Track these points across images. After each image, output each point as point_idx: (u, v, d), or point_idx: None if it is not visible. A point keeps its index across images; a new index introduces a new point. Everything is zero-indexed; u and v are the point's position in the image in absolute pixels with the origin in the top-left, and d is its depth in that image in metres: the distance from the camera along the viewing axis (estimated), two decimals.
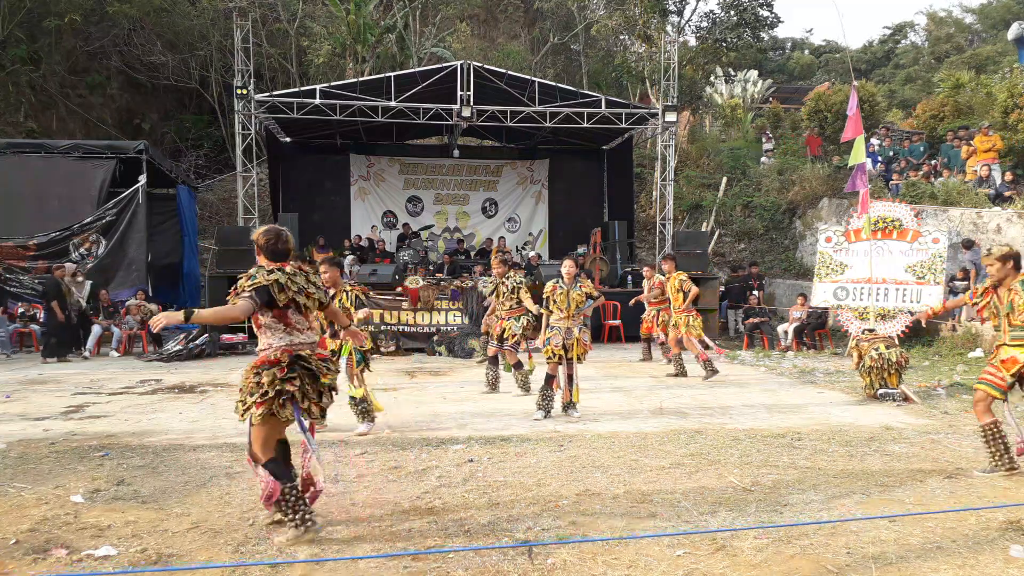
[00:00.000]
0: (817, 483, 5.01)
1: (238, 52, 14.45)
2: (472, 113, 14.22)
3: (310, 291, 4.04)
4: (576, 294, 7.35)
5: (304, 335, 4.04)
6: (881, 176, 16.52)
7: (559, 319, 7.35)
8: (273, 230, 4.08)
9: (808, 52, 41.79)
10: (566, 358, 7.30)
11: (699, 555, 3.73)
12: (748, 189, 20.17)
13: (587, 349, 7.42)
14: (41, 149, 14.22)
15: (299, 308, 4.01)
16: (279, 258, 4.03)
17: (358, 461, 5.60)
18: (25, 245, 13.44)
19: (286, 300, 3.92)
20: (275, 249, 4.02)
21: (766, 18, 23.68)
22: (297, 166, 17.99)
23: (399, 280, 13.99)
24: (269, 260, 4.02)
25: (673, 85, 15.61)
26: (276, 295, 3.87)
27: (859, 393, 8.59)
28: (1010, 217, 12.96)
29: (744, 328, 14.73)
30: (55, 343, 11.96)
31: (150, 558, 3.70)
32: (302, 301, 4.00)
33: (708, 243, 16.49)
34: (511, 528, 4.13)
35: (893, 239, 12.13)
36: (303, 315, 4.05)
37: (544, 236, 19.27)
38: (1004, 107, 16.00)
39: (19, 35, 19.16)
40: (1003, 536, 4.00)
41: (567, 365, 7.35)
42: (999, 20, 33.42)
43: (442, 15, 24.71)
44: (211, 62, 21.87)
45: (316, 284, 4.10)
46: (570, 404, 7.36)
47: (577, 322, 7.37)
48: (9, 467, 5.38)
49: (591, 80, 25.44)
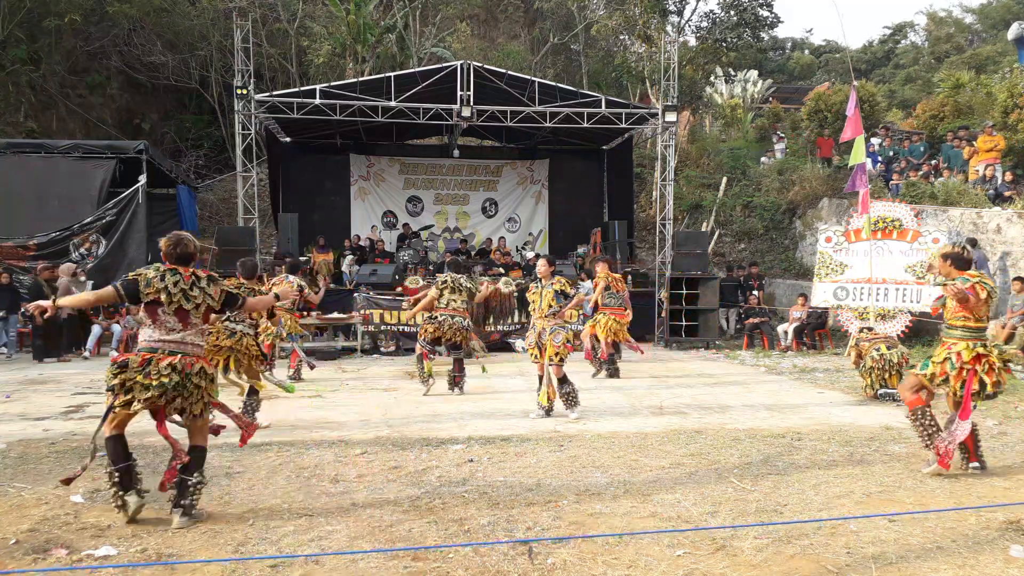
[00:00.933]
0: (817, 483, 5.01)
1: (238, 52, 14.44)
2: (472, 113, 14.22)
3: (192, 294, 4.23)
4: (547, 292, 7.32)
5: (174, 335, 4.21)
6: (881, 176, 16.52)
7: (536, 319, 7.38)
8: (174, 237, 4.37)
9: (808, 52, 41.78)
10: (540, 359, 7.30)
11: (699, 555, 3.73)
12: (748, 189, 20.17)
13: (557, 350, 7.15)
14: (41, 149, 14.22)
15: (175, 309, 4.20)
16: (181, 262, 4.32)
17: (358, 461, 5.60)
18: (25, 245, 13.44)
19: (152, 296, 4.16)
20: (174, 254, 4.32)
21: (766, 18, 23.68)
22: (297, 166, 17.99)
23: (399, 280, 13.99)
24: (171, 264, 4.31)
25: (673, 85, 15.60)
26: (142, 290, 4.15)
27: (859, 393, 8.59)
28: (1010, 217, 12.95)
29: (745, 328, 14.72)
30: (42, 344, 12.01)
31: (150, 558, 3.70)
32: (167, 301, 4.17)
33: (708, 243, 16.49)
34: (511, 528, 4.13)
35: (893, 239, 12.13)
36: (179, 317, 4.22)
37: (544, 236, 19.26)
38: (1004, 107, 15.99)
39: (19, 35, 19.15)
40: (1003, 536, 4.00)
41: (541, 366, 7.34)
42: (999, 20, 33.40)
43: (442, 15, 24.70)
44: (211, 62, 21.86)
45: (204, 290, 4.27)
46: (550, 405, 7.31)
47: (552, 322, 7.29)
48: (9, 467, 5.38)
49: (591, 80, 25.43)
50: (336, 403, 8.28)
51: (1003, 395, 8.40)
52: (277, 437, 6.37)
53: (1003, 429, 6.76)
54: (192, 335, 4.27)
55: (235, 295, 4.51)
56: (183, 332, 4.23)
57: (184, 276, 4.26)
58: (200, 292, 4.27)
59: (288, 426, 6.93)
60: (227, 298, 4.42)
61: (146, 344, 4.22)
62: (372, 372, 11.01)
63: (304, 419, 7.28)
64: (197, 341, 4.31)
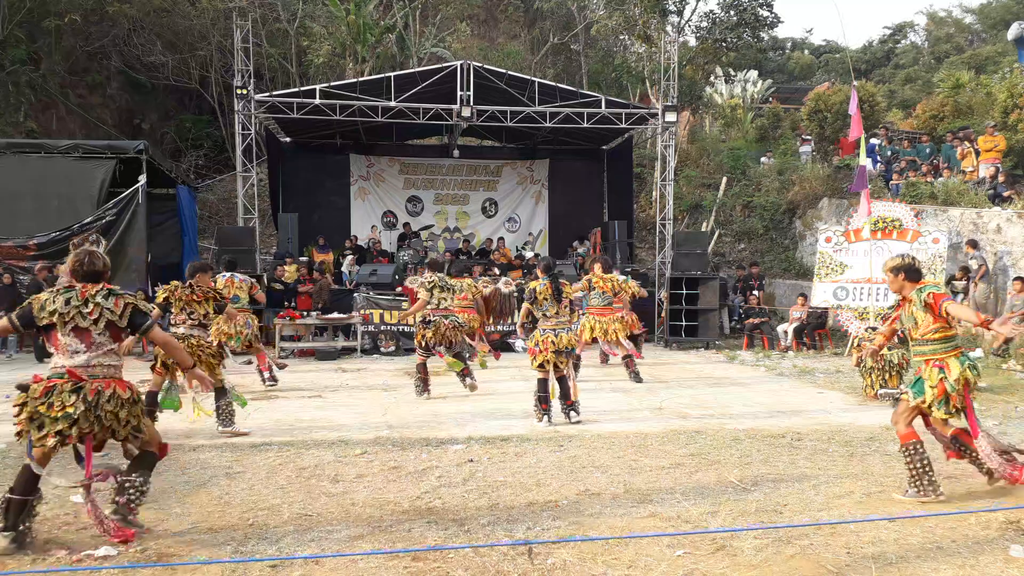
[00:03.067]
0: (817, 483, 5.01)
1: (238, 52, 14.44)
2: (472, 113, 14.21)
3: (86, 311, 3.87)
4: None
5: (78, 358, 3.87)
6: (881, 176, 16.53)
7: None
8: (81, 252, 4.06)
9: (808, 52, 41.74)
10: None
11: (699, 555, 3.73)
12: (748, 189, 20.16)
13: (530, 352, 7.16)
14: (41, 149, 14.20)
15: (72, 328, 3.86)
16: (89, 279, 3.99)
17: (358, 461, 5.60)
18: (25, 245, 13.43)
19: (47, 320, 3.85)
20: (80, 271, 4.00)
21: (766, 18, 23.64)
22: (297, 166, 17.98)
23: (399, 280, 13.98)
24: (79, 281, 3.99)
25: (673, 85, 15.59)
26: (37, 315, 3.86)
27: (859, 393, 8.59)
28: (1010, 217, 12.96)
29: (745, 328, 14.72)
30: (41, 344, 12.01)
31: (150, 558, 3.70)
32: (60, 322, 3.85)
33: (708, 243, 16.49)
34: (511, 528, 4.13)
35: (893, 239, 12.13)
36: (79, 337, 3.88)
37: (544, 236, 19.26)
38: (1004, 107, 15.99)
39: (19, 35, 19.14)
40: (1003, 536, 4.00)
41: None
42: (999, 20, 33.37)
43: (442, 15, 24.69)
44: (211, 62, 21.85)
45: (101, 304, 3.90)
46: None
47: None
48: (9, 467, 5.38)
49: (591, 80, 25.42)
50: (336, 403, 8.28)
51: (1003, 395, 8.44)
52: (277, 437, 6.38)
53: (1003, 429, 6.76)
54: (100, 356, 3.90)
55: (143, 312, 4.04)
56: (88, 354, 3.88)
57: (80, 292, 3.92)
58: (95, 307, 3.89)
59: (288, 426, 6.93)
60: (132, 313, 3.97)
61: (53, 371, 3.89)
62: (372, 372, 11.01)
63: (304, 419, 7.28)
64: (107, 362, 3.93)
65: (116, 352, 4.00)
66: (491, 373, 9.97)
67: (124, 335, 4.07)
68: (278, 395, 8.78)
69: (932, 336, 4.73)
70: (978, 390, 7.90)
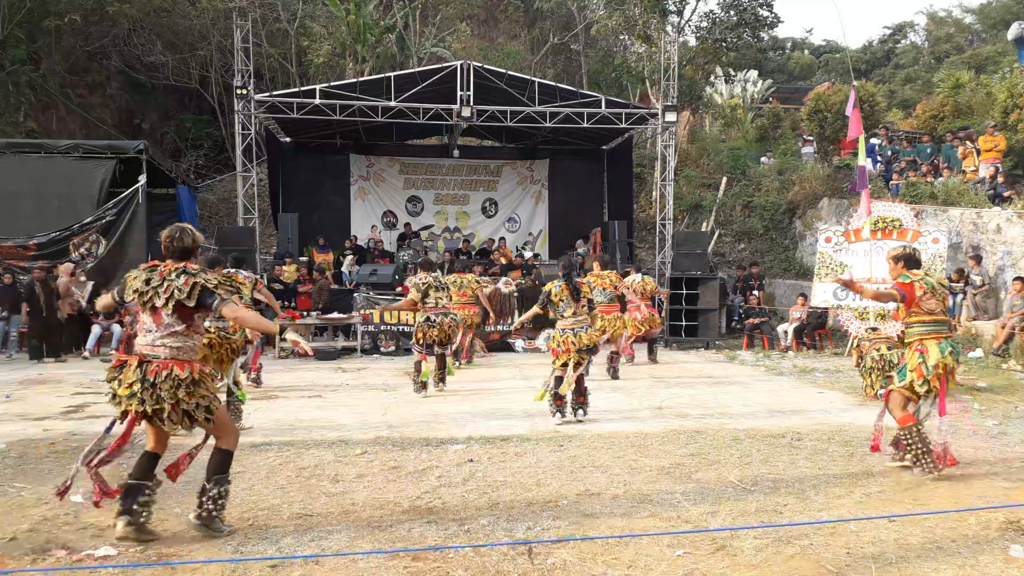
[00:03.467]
0: (817, 483, 5.01)
1: (238, 52, 14.43)
2: (472, 113, 14.21)
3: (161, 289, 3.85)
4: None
5: (149, 337, 3.92)
6: (881, 176, 16.52)
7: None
8: (173, 228, 4.04)
9: (808, 52, 41.74)
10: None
11: (699, 555, 3.73)
12: (748, 189, 20.16)
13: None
14: (41, 149, 14.21)
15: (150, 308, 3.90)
16: (179, 256, 3.99)
17: (358, 461, 5.60)
18: (25, 245, 13.44)
19: (130, 299, 3.95)
20: (170, 247, 4.00)
21: (766, 18, 23.64)
22: (297, 166, 17.98)
23: (399, 280, 13.99)
24: (169, 258, 4.00)
25: (673, 85, 15.59)
26: (124, 292, 3.97)
27: (859, 393, 8.59)
28: (1010, 217, 12.95)
29: (745, 328, 14.72)
30: (36, 345, 12.03)
31: (150, 558, 3.70)
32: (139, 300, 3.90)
33: (708, 243, 16.49)
34: (511, 528, 4.13)
35: (893, 239, 12.12)
36: (153, 316, 3.91)
37: (544, 236, 19.27)
38: (1004, 107, 15.99)
39: (19, 35, 19.13)
40: (1003, 536, 4.00)
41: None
42: (999, 20, 33.37)
43: (442, 15, 24.69)
44: (211, 62, 21.85)
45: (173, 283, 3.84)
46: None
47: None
48: (9, 467, 5.39)
49: (591, 80, 25.41)
50: (336, 403, 8.28)
51: (1003, 395, 8.43)
52: (277, 437, 6.38)
53: (1003, 429, 6.76)
54: (165, 336, 3.88)
55: (210, 291, 3.87)
56: (156, 333, 3.90)
57: (159, 272, 3.90)
58: (168, 285, 3.83)
59: (288, 426, 6.93)
60: (201, 293, 3.84)
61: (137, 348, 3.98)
62: (372, 372, 11.01)
63: (304, 419, 7.28)
64: (173, 343, 3.88)
65: (184, 333, 3.91)
66: (491, 373, 9.98)
67: (196, 315, 3.95)
68: (278, 395, 8.79)
69: (909, 320, 5.26)
70: (978, 390, 7.95)
